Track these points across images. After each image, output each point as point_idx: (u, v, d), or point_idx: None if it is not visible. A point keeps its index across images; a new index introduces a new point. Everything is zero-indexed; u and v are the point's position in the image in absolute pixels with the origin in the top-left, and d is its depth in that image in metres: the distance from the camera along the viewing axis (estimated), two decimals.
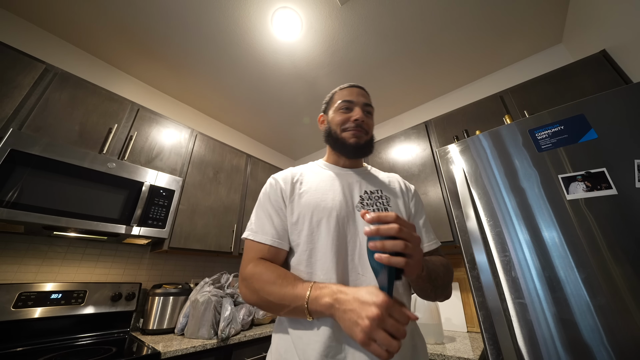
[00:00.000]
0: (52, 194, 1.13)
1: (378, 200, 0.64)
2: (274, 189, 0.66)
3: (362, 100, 0.72)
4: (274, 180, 0.68)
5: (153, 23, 1.58)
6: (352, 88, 0.74)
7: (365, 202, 0.63)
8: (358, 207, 0.62)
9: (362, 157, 0.73)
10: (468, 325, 1.48)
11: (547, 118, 0.92)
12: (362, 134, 0.69)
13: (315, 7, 1.48)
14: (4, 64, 1.19)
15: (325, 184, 0.65)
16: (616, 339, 0.65)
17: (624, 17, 1.10)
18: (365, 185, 0.67)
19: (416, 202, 0.72)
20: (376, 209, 0.62)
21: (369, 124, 0.71)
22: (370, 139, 0.72)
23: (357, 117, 0.68)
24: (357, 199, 0.63)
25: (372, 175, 0.73)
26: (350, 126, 0.68)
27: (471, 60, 1.87)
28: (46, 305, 1.22)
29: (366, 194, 0.65)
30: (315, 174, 0.69)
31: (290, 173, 0.69)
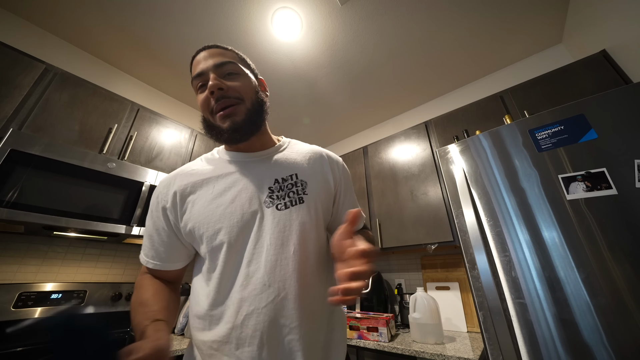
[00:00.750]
0: (52, 194, 1.13)
1: (292, 189, 0.52)
2: (155, 201, 0.55)
3: (211, 62, 0.52)
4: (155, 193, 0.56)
5: (153, 23, 1.58)
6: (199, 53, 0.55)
7: (275, 195, 0.51)
8: (267, 202, 0.50)
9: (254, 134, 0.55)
10: (468, 325, 1.48)
11: (547, 118, 0.92)
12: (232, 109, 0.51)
13: (315, 7, 1.48)
14: (4, 64, 1.19)
15: (223, 181, 0.52)
16: (616, 339, 0.65)
17: (624, 17, 1.10)
18: (276, 172, 0.54)
19: (345, 179, 0.62)
20: (289, 201, 0.51)
21: (236, 88, 0.52)
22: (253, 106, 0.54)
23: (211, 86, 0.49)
24: (265, 193, 0.51)
25: (284, 155, 0.58)
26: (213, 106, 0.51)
27: (471, 60, 1.87)
28: (46, 305, 1.22)
29: (276, 183, 0.52)
30: (210, 170, 0.55)
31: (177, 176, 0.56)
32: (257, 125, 0.55)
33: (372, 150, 2.05)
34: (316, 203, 0.53)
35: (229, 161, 0.57)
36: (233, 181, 0.52)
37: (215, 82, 0.50)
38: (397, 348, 1.16)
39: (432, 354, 1.06)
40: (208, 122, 0.54)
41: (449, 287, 1.62)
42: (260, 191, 0.51)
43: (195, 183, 0.53)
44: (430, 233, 1.54)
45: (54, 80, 1.32)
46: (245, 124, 0.52)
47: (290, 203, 0.51)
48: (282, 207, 0.50)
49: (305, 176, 0.55)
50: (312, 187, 0.54)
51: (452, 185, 1.06)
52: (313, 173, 0.57)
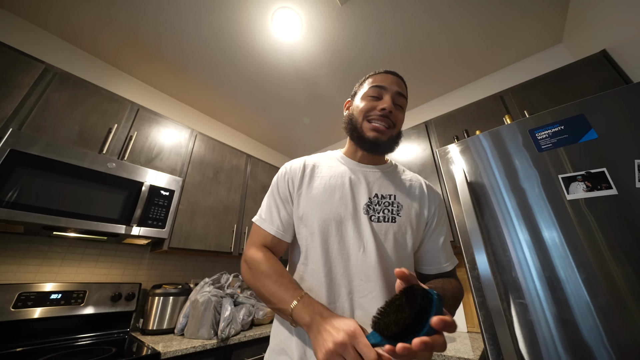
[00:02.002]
0: (52, 194, 1.13)
1: (387, 207, 0.58)
2: (283, 180, 0.64)
3: (395, 88, 0.62)
4: (284, 170, 0.66)
5: (153, 23, 1.58)
6: (387, 74, 0.65)
7: (372, 207, 0.58)
8: (364, 209, 0.57)
9: (381, 154, 0.66)
10: (468, 325, 1.47)
11: (547, 118, 0.92)
12: (385, 127, 0.60)
13: (315, 7, 1.48)
14: (4, 64, 1.19)
15: (335, 180, 0.61)
16: (616, 339, 0.65)
17: (624, 17, 1.10)
18: (379, 187, 0.61)
19: (439, 215, 0.64)
20: (382, 216, 0.57)
21: (397, 117, 0.62)
22: (396, 135, 0.64)
23: (385, 106, 0.59)
24: (364, 200, 0.58)
25: (391, 175, 0.65)
26: (374, 116, 0.60)
27: (471, 60, 1.87)
28: (46, 305, 1.22)
29: (376, 197, 0.59)
30: (328, 167, 0.65)
31: (302, 163, 0.66)
32: (388, 151, 0.65)
33: None
34: (406, 226, 0.58)
35: (346, 165, 0.66)
36: (342, 183, 0.61)
37: (391, 105, 0.60)
38: None
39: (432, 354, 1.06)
40: (355, 123, 0.64)
41: None
42: (360, 198, 0.59)
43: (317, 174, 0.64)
44: None
45: (54, 80, 1.31)
46: (383, 145, 0.62)
47: (383, 218, 0.57)
48: (375, 219, 0.57)
49: (403, 200, 0.61)
50: (406, 211, 0.59)
51: (452, 185, 1.06)
52: (411, 198, 0.62)
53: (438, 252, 0.61)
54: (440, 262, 0.61)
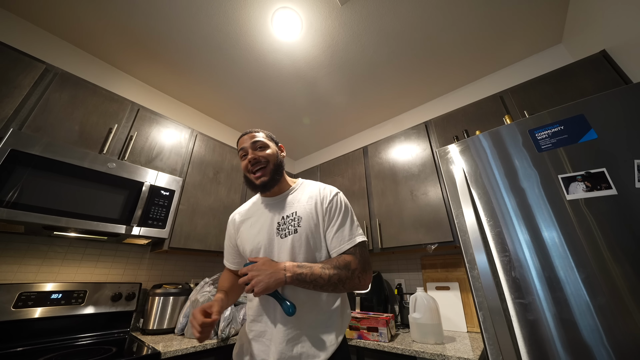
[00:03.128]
0: (52, 194, 1.13)
1: (291, 223, 0.77)
2: (229, 229, 0.93)
3: (249, 141, 0.84)
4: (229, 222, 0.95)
5: (153, 23, 1.58)
6: (243, 137, 0.87)
7: (280, 227, 0.78)
8: (276, 232, 0.78)
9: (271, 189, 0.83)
10: (468, 325, 1.48)
11: (547, 118, 0.92)
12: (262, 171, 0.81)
13: (315, 7, 1.48)
14: (4, 64, 1.19)
15: (256, 219, 0.84)
16: (616, 339, 0.65)
17: (624, 17, 1.10)
18: (283, 211, 0.81)
19: (330, 210, 0.79)
20: (287, 232, 0.76)
21: (265, 155, 0.83)
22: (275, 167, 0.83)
23: (250, 158, 0.81)
24: (275, 226, 0.79)
25: (292, 197, 0.85)
26: (250, 169, 0.82)
27: (471, 61, 1.87)
28: (46, 305, 1.22)
29: (282, 219, 0.79)
30: (252, 211, 0.88)
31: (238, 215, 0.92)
32: (276, 180, 0.83)
33: (372, 150, 2.05)
34: (307, 231, 0.75)
35: (261, 203, 0.88)
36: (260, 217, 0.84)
37: (252, 155, 0.82)
38: (397, 348, 1.16)
39: (432, 354, 1.06)
40: (247, 178, 0.85)
41: (449, 287, 1.62)
42: (273, 224, 0.80)
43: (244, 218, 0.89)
44: (430, 233, 1.54)
45: (54, 80, 1.32)
46: (269, 181, 0.81)
47: (289, 232, 0.76)
48: (283, 236, 0.76)
49: (302, 213, 0.79)
50: (305, 221, 0.77)
51: (452, 185, 1.06)
52: (309, 210, 0.79)
53: (334, 240, 0.76)
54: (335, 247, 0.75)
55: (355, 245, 0.75)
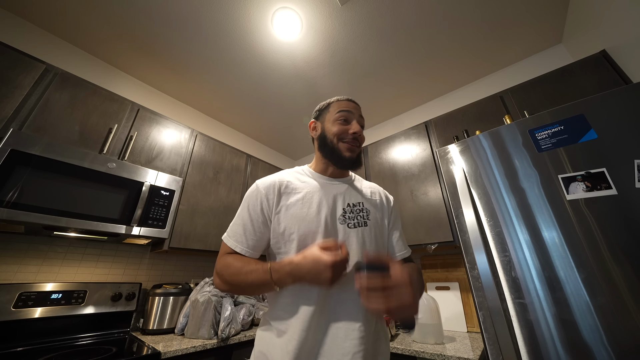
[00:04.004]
0: (52, 194, 1.13)
1: (359, 214, 0.68)
2: (254, 199, 0.67)
3: (358, 112, 0.75)
4: (256, 189, 0.68)
5: (153, 23, 1.58)
6: (350, 102, 0.76)
7: (347, 215, 0.67)
8: (340, 219, 0.66)
9: (353, 170, 0.75)
10: (468, 325, 1.48)
11: (547, 118, 0.92)
12: (357, 148, 0.71)
13: (315, 7, 1.48)
14: (4, 64, 1.19)
15: (311, 195, 0.67)
16: (616, 339, 0.65)
17: (624, 17, 1.10)
18: (349, 197, 0.70)
19: (394, 214, 0.77)
20: (356, 222, 0.66)
21: (362, 138, 0.74)
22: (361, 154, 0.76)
23: (356, 130, 0.69)
24: (339, 212, 0.67)
25: (356, 186, 0.76)
26: (348, 138, 0.70)
27: (471, 61, 1.87)
28: (46, 305, 1.22)
29: (349, 206, 0.68)
30: (302, 183, 0.70)
31: (276, 181, 0.69)
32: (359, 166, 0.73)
33: (372, 150, 2.05)
34: (375, 227, 0.69)
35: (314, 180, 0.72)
36: (319, 197, 0.67)
37: (361, 130, 0.71)
38: (397, 348, 1.16)
39: (432, 354, 1.06)
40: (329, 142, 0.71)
41: (449, 287, 1.62)
42: (336, 209, 0.67)
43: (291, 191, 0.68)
44: (430, 233, 1.54)
45: (54, 80, 1.32)
46: (356, 161, 0.71)
47: (358, 224, 0.66)
48: (352, 225, 0.66)
49: (369, 206, 0.71)
50: (373, 215, 0.70)
51: (452, 186, 1.06)
52: (374, 204, 0.73)
53: (395, 245, 0.73)
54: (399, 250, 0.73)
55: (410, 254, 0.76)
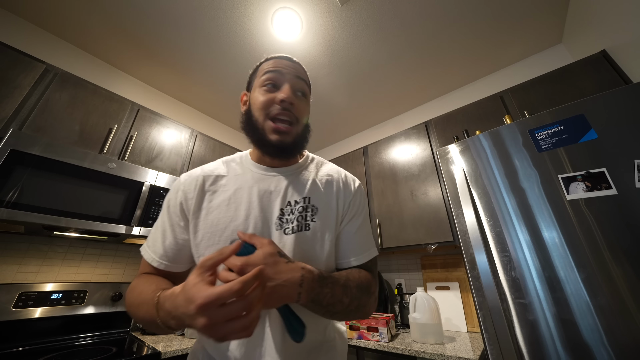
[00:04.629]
0: (53, 194, 1.13)
1: (302, 214, 0.51)
2: (174, 198, 0.53)
3: (292, 73, 0.53)
4: (177, 186, 0.54)
5: (153, 23, 1.58)
6: (280, 59, 0.55)
7: (285, 218, 0.50)
8: (276, 224, 0.49)
9: (285, 159, 0.56)
10: (468, 325, 1.48)
11: (547, 118, 0.92)
12: (288, 128, 0.51)
13: (316, 7, 1.48)
14: (5, 64, 1.19)
15: (242, 193, 0.51)
16: (616, 339, 0.65)
17: (624, 17, 1.10)
18: (291, 193, 0.53)
19: (354, 205, 0.56)
20: (295, 226, 0.49)
21: (300, 109, 0.53)
22: (302, 131, 0.54)
23: (284, 97, 0.49)
24: (276, 213, 0.50)
25: (305, 175, 0.57)
26: (275, 111, 0.50)
27: (471, 60, 1.87)
28: (46, 305, 1.22)
29: (289, 205, 0.51)
30: (234, 177, 0.55)
31: (201, 175, 0.54)
32: (296, 152, 0.55)
33: (372, 150, 2.05)
34: (322, 231, 0.51)
35: (251, 172, 0.56)
36: (250, 196, 0.51)
37: (291, 95, 0.51)
38: (397, 348, 1.16)
39: (432, 354, 1.06)
40: (254, 121, 0.52)
41: (449, 287, 1.62)
42: (272, 211, 0.50)
43: (218, 188, 0.53)
44: (430, 233, 1.54)
45: (54, 81, 1.32)
46: (290, 146, 0.52)
47: (297, 228, 0.49)
48: (289, 231, 0.49)
49: (317, 202, 0.53)
50: (322, 213, 0.52)
51: (452, 185, 1.06)
52: (327, 197, 0.55)
53: (349, 246, 0.54)
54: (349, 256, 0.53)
55: (373, 258, 0.55)
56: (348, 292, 0.45)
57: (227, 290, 0.28)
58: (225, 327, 0.29)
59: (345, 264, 0.53)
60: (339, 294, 0.43)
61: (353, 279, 0.48)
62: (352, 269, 0.52)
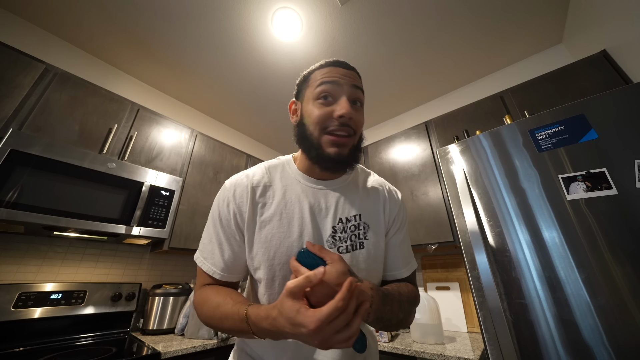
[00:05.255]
0: (52, 194, 1.13)
1: (353, 232, 0.50)
2: (226, 210, 0.52)
3: (350, 82, 0.50)
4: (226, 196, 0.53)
5: (153, 23, 1.58)
6: (336, 67, 0.51)
7: (338, 235, 0.49)
8: (329, 242, 0.49)
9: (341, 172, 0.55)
10: (468, 325, 1.48)
11: (548, 118, 0.92)
12: (346, 140, 0.49)
13: (316, 7, 1.48)
14: (4, 64, 1.19)
15: (292, 207, 0.50)
16: (616, 339, 0.65)
17: (624, 17, 1.10)
18: (342, 209, 0.52)
19: (400, 219, 0.58)
20: (349, 244, 0.49)
21: (357, 121, 0.50)
22: (357, 144, 0.52)
23: (343, 113, 0.47)
24: (328, 231, 0.49)
25: (353, 188, 0.56)
26: (333, 126, 0.48)
27: (471, 60, 1.87)
28: (46, 305, 1.22)
29: (340, 223, 0.50)
30: (282, 188, 0.53)
31: (250, 186, 0.52)
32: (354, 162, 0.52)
33: (372, 150, 2.05)
34: (375, 249, 0.52)
35: (299, 183, 0.54)
36: (301, 211, 0.50)
37: (350, 110, 0.47)
38: (397, 348, 1.16)
39: (432, 354, 1.06)
40: (309, 135, 0.50)
41: (449, 287, 1.62)
42: (325, 228, 0.50)
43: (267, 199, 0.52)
44: (431, 233, 1.54)
45: (54, 80, 1.31)
46: (346, 159, 0.50)
47: (351, 247, 0.49)
48: (343, 250, 0.49)
49: (368, 217, 0.53)
50: (373, 230, 0.52)
51: (452, 186, 1.06)
52: (375, 212, 0.55)
53: (395, 259, 0.55)
54: (395, 268, 0.55)
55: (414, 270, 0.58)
56: (402, 307, 0.47)
57: (333, 309, 0.31)
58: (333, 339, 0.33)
59: (391, 277, 0.55)
60: (396, 310, 0.45)
61: (404, 293, 0.50)
62: (400, 282, 0.54)
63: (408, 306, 0.49)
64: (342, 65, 0.52)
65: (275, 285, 0.48)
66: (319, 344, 0.33)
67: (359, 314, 0.35)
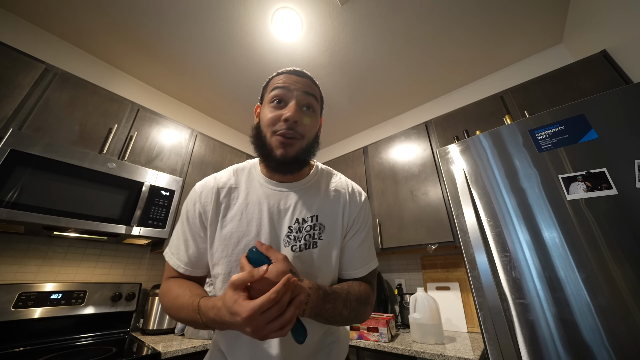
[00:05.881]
0: (52, 194, 1.13)
1: (309, 232, 0.53)
2: (193, 209, 0.56)
3: (300, 89, 0.53)
4: (195, 197, 0.57)
5: (153, 23, 1.58)
6: (289, 74, 0.55)
7: (293, 235, 0.52)
8: (285, 240, 0.52)
9: (289, 174, 0.56)
10: (468, 325, 1.48)
11: (548, 118, 0.92)
12: (292, 141, 0.51)
13: (316, 7, 1.48)
14: (4, 64, 1.19)
15: (252, 208, 0.54)
16: (616, 339, 0.65)
17: (624, 17, 1.10)
18: (299, 210, 0.54)
19: (360, 221, 0.59)
20: (304, 243, 0.52)
21: (305, 125, 0.53)
22: (307, 148, 0.54)
23: (288, 116, 0.50)
24: (284, 231, 0.52)
25: (314, 190, 0.58)
26: (280, 129, 0.51)
27: (471, 60, 1.86)
28: (46, 305, 1.22)
29: (297, 223, 0.53)
30: (246, 190, 0.57)
31: (215, 187, 0.56)
32: (302, 164, 0.55)
33: (372, 150, 2.05)
34: (329, 249, 0.54)
35: (261, 186, 0.57)
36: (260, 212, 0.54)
37: (295, 113, 0.51)
38: (397, 348, 1.16)
39: (432, 354, 1.06)
40: (262, 137, 0.54)
41: (449, 287, 1.62)
42: (281, 228, 0.53)
43: (231, 201, 0.56)
44: (431, 233, 1.54)
45: (54, 80, 1.31)
46: (291, 160, 0.52)
47: (305, 246, 0.52)
48: (296, 249, 0.52)
49: (325, 219, 0.55)
50: (328, 230, 0.55)
51: (452, 186, 1.06)
52: (334, 213, 0.57)
53: (351, 259, 0.57)
54: (351, 268, 0.57)
55: (372, 270, 0.59)
56: (348, 305, 0.49)
57: (266, 300, 0.35)
58: (266, 328, 0.36)
59: (347, 276, 0.57)
60: (339, 308, 0.48)
61: (353, 292, 0.52)
62: (354, 281, 0.56)
63: (356, 304, 0.51)
64: (295, 73, 0.56)
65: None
66: (252, 332, 0.36)
67: (292, 305, 0.38)
